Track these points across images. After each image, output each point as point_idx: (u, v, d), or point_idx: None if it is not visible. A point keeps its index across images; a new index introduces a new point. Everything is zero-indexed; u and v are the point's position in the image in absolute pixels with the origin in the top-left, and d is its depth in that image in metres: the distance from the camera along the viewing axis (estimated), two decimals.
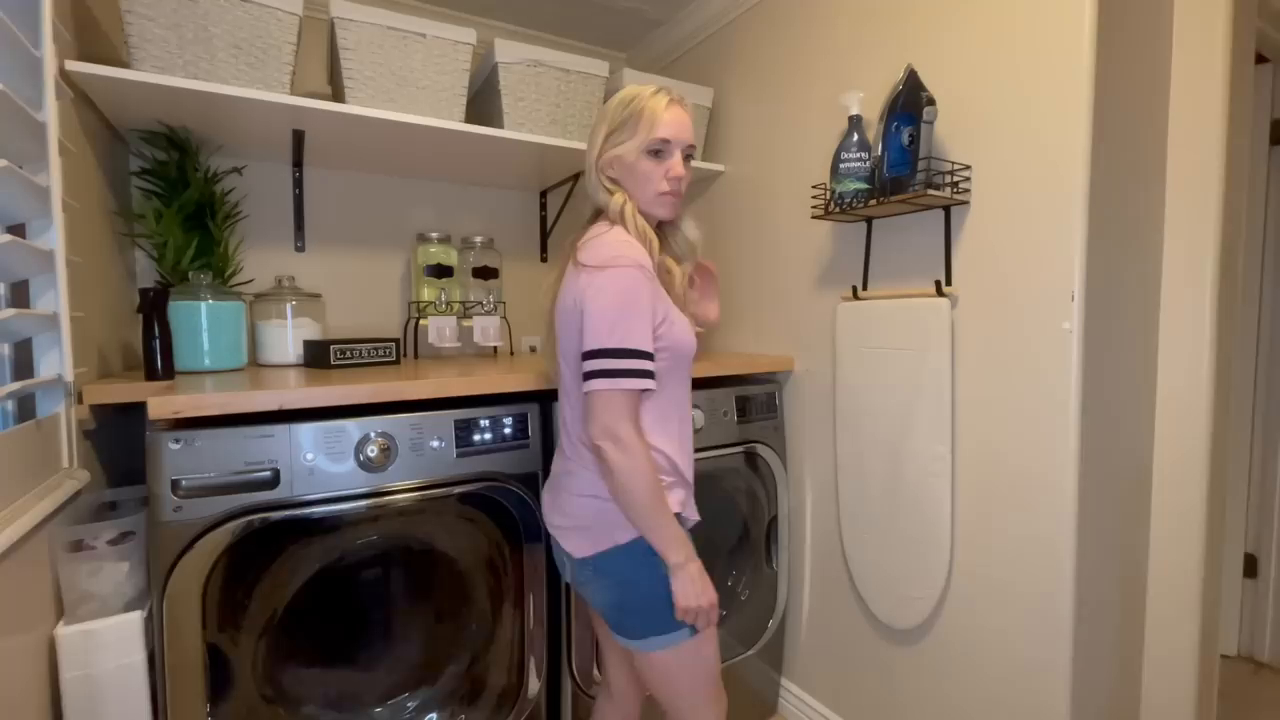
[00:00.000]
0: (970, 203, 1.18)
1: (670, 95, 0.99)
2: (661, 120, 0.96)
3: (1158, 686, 1.23)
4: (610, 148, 0.99)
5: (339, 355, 1.38)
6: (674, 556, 0.90)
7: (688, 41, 1.93)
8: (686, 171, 0.99)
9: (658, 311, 0.92)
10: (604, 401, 0.88)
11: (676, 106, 0.98)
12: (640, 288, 0.89)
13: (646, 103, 0.96)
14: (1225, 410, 1.22)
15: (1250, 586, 1.96)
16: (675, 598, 0.91)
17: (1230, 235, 1.18)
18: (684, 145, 0.98)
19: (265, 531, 0.98)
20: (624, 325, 0.87)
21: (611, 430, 0.88)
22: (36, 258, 0.87)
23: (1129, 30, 1.09)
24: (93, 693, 0.90)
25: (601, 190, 1.00)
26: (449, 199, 1.88)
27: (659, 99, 0.97)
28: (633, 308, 0.88)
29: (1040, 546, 1.10)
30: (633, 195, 0.99)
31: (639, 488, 0.89)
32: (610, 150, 0.98)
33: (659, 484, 0.91)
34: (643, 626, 0.94)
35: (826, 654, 1.55)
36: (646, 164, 0.97)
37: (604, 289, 0.89)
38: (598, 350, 0.87)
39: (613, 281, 0.89)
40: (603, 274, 0.89)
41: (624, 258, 0.90)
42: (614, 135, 0.98)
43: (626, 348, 0.87)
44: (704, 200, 1.90)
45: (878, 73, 1.29)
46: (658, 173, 0.97)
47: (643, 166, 0.97)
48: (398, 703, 1.17)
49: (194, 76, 1.16)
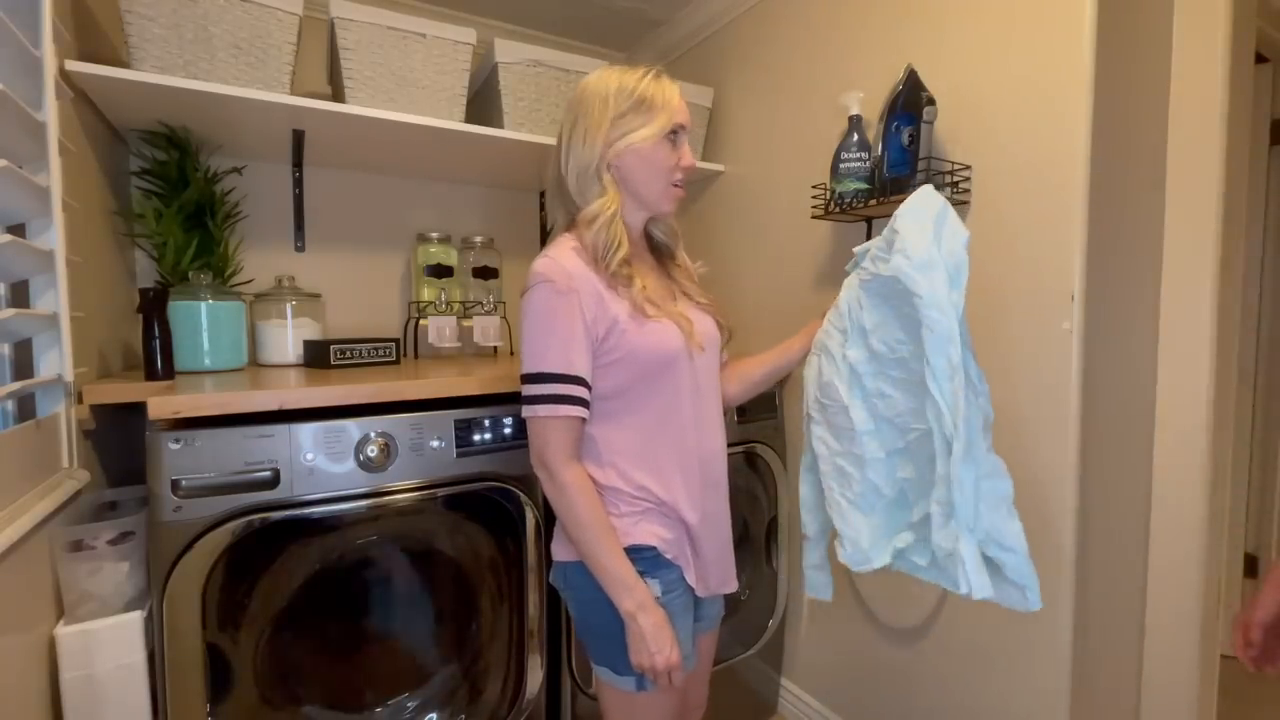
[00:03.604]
0: (970, 203, 1.18)
1: (667, 76, 0.92)
2: (675, 104, 0.90)
3: (1158, 686, 1.23)
4: (620, 137, 0.88)
5: (339, 355, 1.38)
6: (623, 604, 0.83)
7: (688, 41, 1.93)
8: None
9: (599, 322, 0.85)
10: (531, 430, 0.85)
11: (676, 87, 0.92)
12: (552, 305, 0.83)
13: (655, 85, 0.89)
14: (1225, 410, 1.22)
15: (1250, 586, 1.95)
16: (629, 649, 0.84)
17: (1230, 235, 1.18)
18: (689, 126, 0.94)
19: (265, 531, 0.98)
20: (540, 348, 0.84)
21: (540, 459, 0.85)
22: (36, 258, 0.87)
23: (1129, 30, 1.09)
24: (93, 693, 0.90)
25: (597, 189, 0.90)
26: (449, 199, 1.88)
27: (665, 81, 0.91)
28: (546, 328, 0.84)
29: (1040, 546, 1.10)
30: (639, 191, 0.92)
31: (571, 524, 0.85)
32: (621, 140, 0.88)
33: (600, 521, 0.84)
34: (595, 653, 0.91)
35: (826, 654, 1.55)
36: (664, 152, 0.90)
37: (524, 312, 0.86)
38: (522, 375, 0.85)
39: (528, 304, 0.86)
40: (524, 297, 0.87)
41: (536, 274, 0.85)
42: (623, 123, 0.88)
43: (541, 371, 0.83)
44: (704, 200, 1.89)
45: (878, 73, 1.29)
46: (672, 161, 0.91)
47: (660, 155, 0.90)
48: (398, 702, 1.17)
49: (194, 76, 1.16)
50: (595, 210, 0.89)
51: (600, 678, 0.92)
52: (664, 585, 0.89)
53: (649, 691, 0.87)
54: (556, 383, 0.83)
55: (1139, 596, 1.24)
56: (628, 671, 0.87)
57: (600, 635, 0.90)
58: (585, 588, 0.89)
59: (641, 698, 0.88)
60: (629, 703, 0.90)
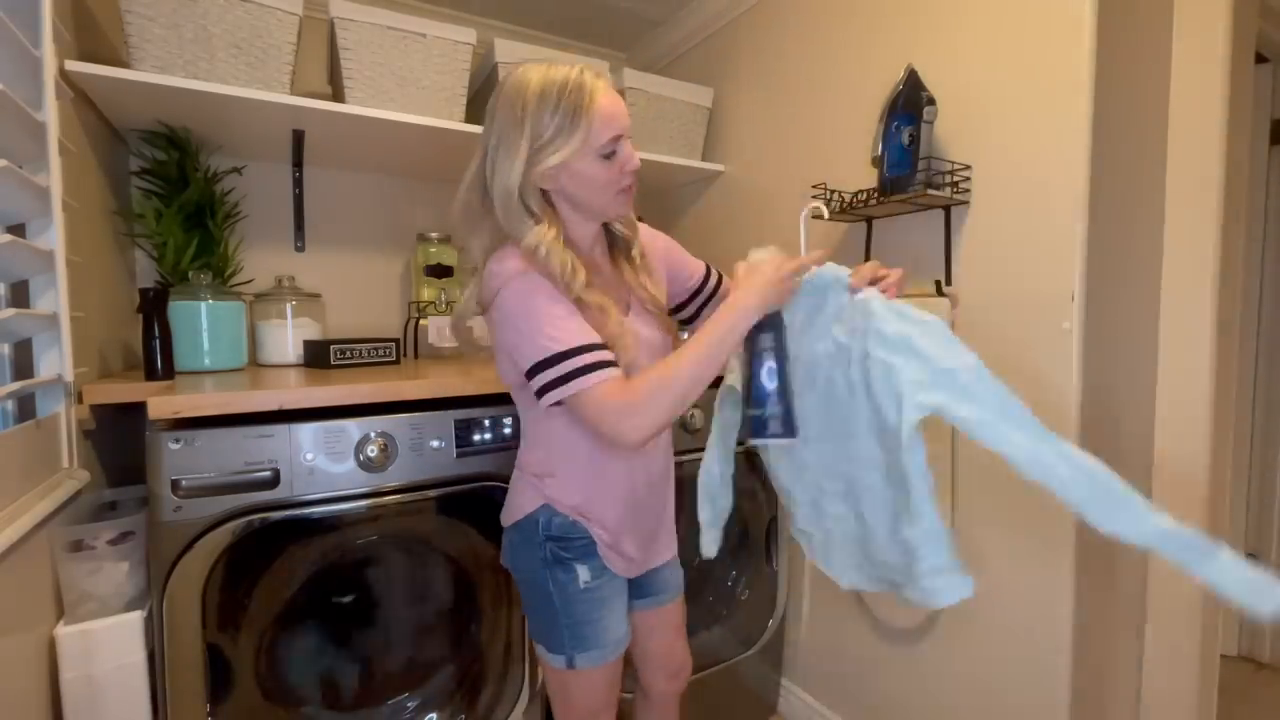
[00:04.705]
0: (970, 203, 1.18)
1: (596, 73, 0.81)
2: (608, 113, 0.79)
3: (1158, 686, 1.23)
4: (546, 157, 0.78)
5: (339, 355, 1.38)
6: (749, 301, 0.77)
7: (687, 41, 1.93)
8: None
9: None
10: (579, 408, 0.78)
11: (611, 89, 0.82)
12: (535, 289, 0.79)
13: (581, 92, 0.78)
14: (1225, 410, 1.22)
15: None
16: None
17: (1230, 235, 1.18)
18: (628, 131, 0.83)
19: (265, 531, 0.98)
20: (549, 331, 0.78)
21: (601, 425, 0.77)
22: (36, 258, 0.87)
23: (1129, 30, 1.09)
24: (93, 693, 0.90)
25: (524, 217, 0.81)
26: (449, 199, 1.86)
27: (596, 84, 0.79)
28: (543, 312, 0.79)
29: (1040, 546, 1.10)
30: (584, 205, 0.86)
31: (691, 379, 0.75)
32: (546, 161, 0.78)
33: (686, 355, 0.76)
34: (532, 629, 0.96)
35: (826, 654, 1.55)
36: (600, 167, 0.81)
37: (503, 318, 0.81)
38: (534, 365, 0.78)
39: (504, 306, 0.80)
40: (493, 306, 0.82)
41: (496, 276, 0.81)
42: (548, 141, 0.78)
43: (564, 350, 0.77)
44: (704, 200, 1.89)
45: (878, 73, 1.29)
46: (614, 172, 0.82)
47: (596, 171, 0.81)
48: (398, 702, 1.17)
49: (194, 76, 1.16)
50: (533, 242, 0.80)
51: (540, 656, 0.96)
52: (593, 571, 0.92)
53: (580, 669, 0.92)
54: (584, 353, 0.76)
55: (1139, 597, 1.24)
56: (559, 650, 0.92)
57: (534, 610, 0.95)
58: (524, 565, 0.94)
59: (574, 674, 0.92)
60: (563, 679, 0.94)
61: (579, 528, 0.91)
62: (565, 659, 0.92)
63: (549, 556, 0.91)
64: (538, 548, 0.91)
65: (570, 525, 0.91)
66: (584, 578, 0.91)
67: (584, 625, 0.91)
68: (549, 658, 0.94)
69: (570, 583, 0.91)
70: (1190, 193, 1.17)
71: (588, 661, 0.92)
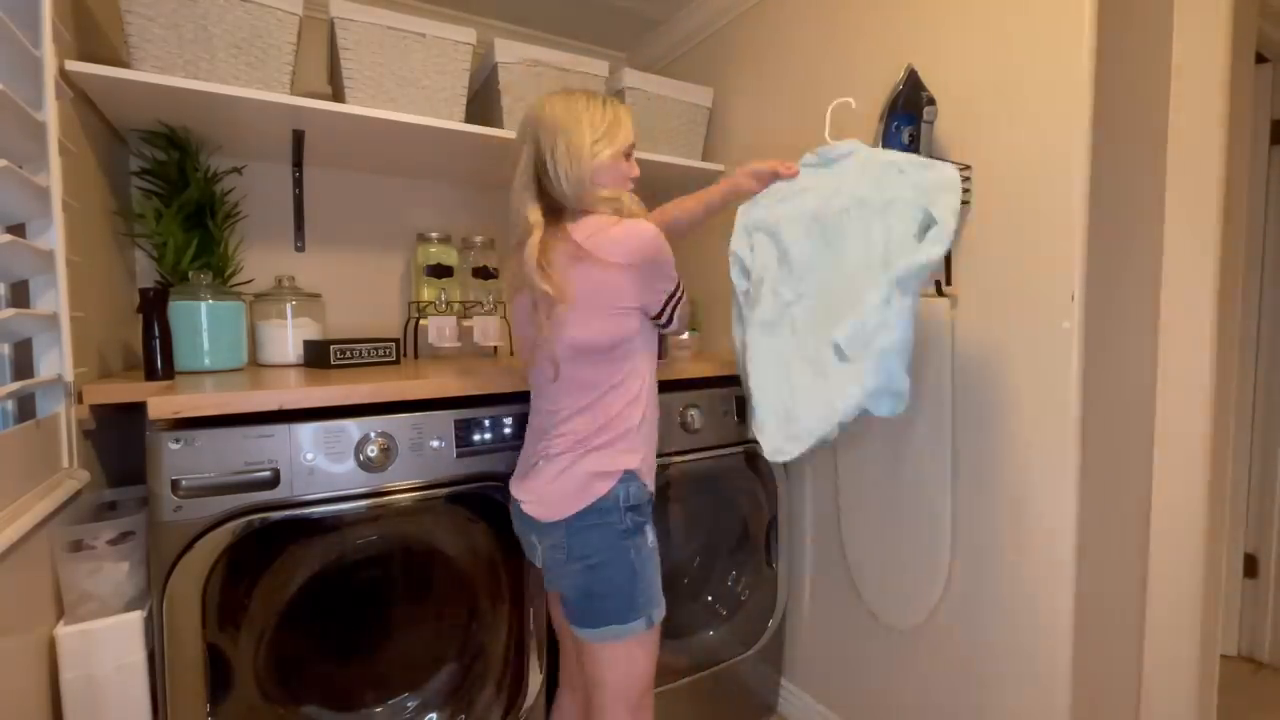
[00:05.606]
0: (970, 203, 1.17)
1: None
2: (629, 125, 1.04)
3: (1158, 686, 1.23)
4: (600, 152, 0.99)
5: (339, 355, 1.38)
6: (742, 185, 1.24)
7: (688, 41, 1.93)
8: None
9: None
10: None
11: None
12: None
13: (617, 108, 1.03)
14: (1225, 410, 1.22)
15: (1250, 586, 1.96)
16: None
17: (1230, 235, 1.18)
18: None
19: (265, 531, 0.98)
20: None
21: None
22: (36, 258, 0.87)
23: (1129, 30, 1.09)
24: (93, 693, 0.90)
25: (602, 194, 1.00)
26: (449, 199, 1.88)
27: (622, 108, 1.05)
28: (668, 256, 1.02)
29: (1040, 543, 1.10)
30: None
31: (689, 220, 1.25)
32: (601, 155, 0.99)
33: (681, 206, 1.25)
34: (604, 613, 0.94)
35: (826, 654, 1.55)
36: (624, 166, 1.03)
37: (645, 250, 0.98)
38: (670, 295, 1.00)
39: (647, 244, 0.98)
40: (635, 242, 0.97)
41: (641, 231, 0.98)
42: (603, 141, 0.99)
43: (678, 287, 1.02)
44: None
45: (878, 73, 1.29)
46: (630, 173, 1.04)
47: (622, 169, 1.02)
48: (398, 702, 1.18)
49: (194, 76, 1.16)
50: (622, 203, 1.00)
51: (604, 639, 0.95)
52: (651, 527, 0.99)
53: (655, 625, 0.96)
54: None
55: (1139, 596, 1.24)
56: (637, 615, 0.94)
57: (611, 587, 0.94)
58: (602, 545, 0.93)
59: (647, 635, 0.96)
60: (635, 647, 0.96)
61: (646, 489, 0.98)
62: (645, 620, 0.94)
63: (630, 526, 0.94)
64: (619, 521, 0.93)
65: (642, 489, 0.96)
66: (650, 537, 0.98)
67: (654, 582, 0.97)
68: (625, 629, 0.93)
69: (645, 545, 0.96)
70: (1190, 192, 1.17)
71: (660, 614, 0.97)
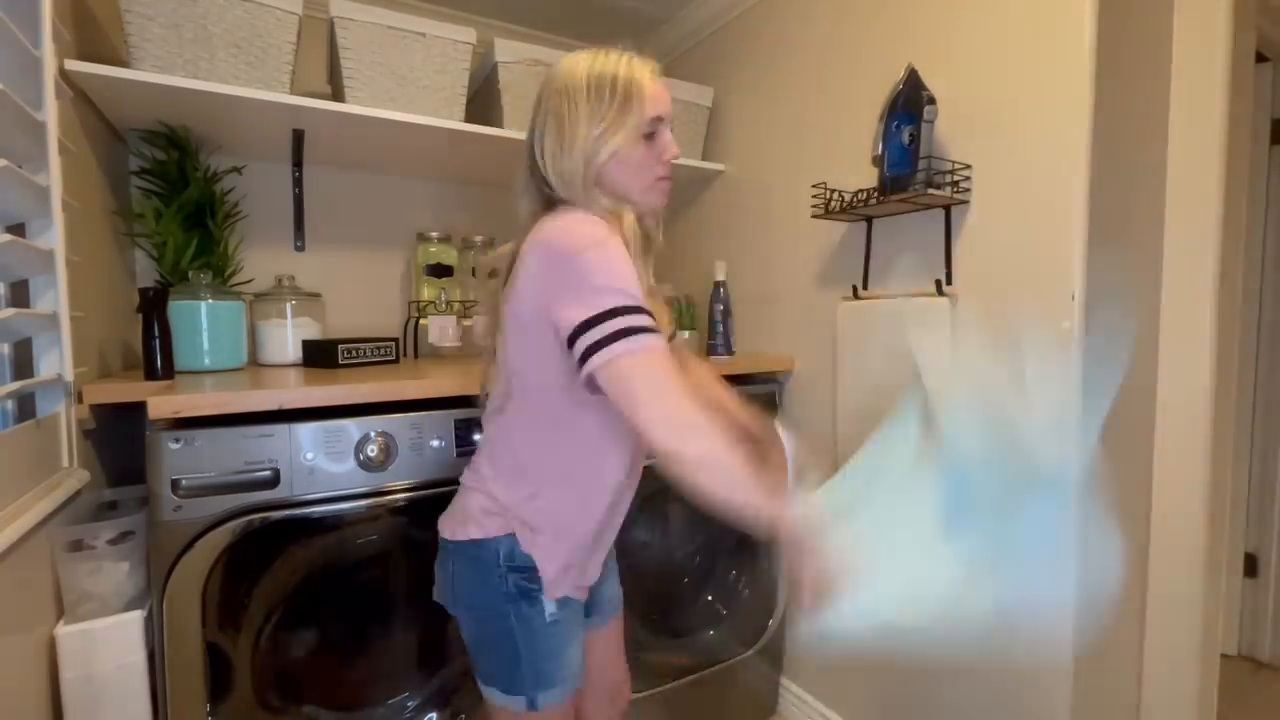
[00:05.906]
0: (970, 202, 1.17)
1: (642, 59, 0.82)
2: (650, 92, 0.80)
3: (1158, 686, 1.23)
4: (601, 145, 0.79)
5: (339, 354, 1.38)
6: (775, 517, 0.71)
7: (688, 41, 1.93)
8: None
9: None
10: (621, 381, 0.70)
11: (656, 74, 0.83)
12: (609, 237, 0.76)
13: (630, 76, 0.79)
14: (1225, 410, 1.22)
15: (1250, 586, 1.96)
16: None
17: (1230, 235, 1.18)
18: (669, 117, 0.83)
19: (265, 531, 0.98)
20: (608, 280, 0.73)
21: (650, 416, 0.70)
22: (36, 257, 0.87)
23: (1129, 30, 1.09)
24: (93, 693, 0.90)
25: (600, 198, 0.81)
26: (449, 199, 1.88)
27: (638, 67, 0.80)
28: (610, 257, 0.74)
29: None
30: (626, 195, 0.83)
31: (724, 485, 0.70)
32: (604, 149, 0.79)
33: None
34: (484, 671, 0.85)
35: (827, 654, 1.55)
36: (643, 151, 0.81)
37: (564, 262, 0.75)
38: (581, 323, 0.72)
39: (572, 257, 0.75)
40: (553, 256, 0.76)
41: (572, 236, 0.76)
42: (602, 128, 0.78)
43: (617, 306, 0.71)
44: (704, 200, 1.89)
45: (878, 72, 1.29)
46: (653, 158, 0.82)
47: (640, 156, 0.81)
48: (398, 702, 1.17)
49: (194, 76, 1.16)
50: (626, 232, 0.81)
51: (491, 698, 0.85)
52: (559, 602, 0.83)
53: (542, 710, 0.82)
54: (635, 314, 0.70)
55: (1139, 596, 1.24)
56: (518, 691, 0.82)
57: (488, 649, 0.84)
58: (477, 599, 0.83)
59: (534, 716, 0.82)
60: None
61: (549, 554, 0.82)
62: (526, 700, 0.81)
63: (512, 590, 0.81)
64: (498, 580, 0.81)
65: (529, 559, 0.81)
66: (550, 610, 0.82)
67: (548, 661, 0.82)
68: (505, 700, 0.83)
69: (535, 617, 0.81)
70: (1190, 192, 1.17)
71: (550, 700, 0.82)
